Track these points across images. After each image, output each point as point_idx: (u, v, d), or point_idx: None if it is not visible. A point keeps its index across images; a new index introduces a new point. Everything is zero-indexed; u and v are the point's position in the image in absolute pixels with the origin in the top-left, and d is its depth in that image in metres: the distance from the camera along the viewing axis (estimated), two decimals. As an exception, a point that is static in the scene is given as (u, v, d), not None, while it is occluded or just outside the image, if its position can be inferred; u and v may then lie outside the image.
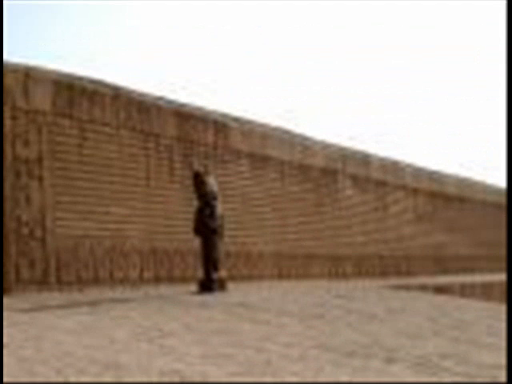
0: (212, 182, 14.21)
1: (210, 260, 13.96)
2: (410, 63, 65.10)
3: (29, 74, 13.49)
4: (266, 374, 6.80)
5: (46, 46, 62.11)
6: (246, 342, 8.53)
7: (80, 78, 14.62)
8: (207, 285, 13.93)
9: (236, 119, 18.66)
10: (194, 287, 15.24)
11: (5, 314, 10.14)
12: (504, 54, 66.09)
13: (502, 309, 14.73)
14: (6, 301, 11.72)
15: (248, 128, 18.86)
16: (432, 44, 64.44)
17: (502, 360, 8.18)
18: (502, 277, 31.18)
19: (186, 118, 16.85)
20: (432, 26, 63.87)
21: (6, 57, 21.97)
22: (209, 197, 14.06)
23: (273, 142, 19.72)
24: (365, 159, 23.93)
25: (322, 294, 14.91)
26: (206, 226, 13.99)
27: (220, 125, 17.84)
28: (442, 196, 28.87)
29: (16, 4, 55.01)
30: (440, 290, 23.85)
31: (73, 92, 14.27)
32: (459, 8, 64.06)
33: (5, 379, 6.07)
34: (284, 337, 9.05)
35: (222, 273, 14.46)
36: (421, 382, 6.86)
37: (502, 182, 45.15)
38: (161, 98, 16.49)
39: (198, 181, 14.09)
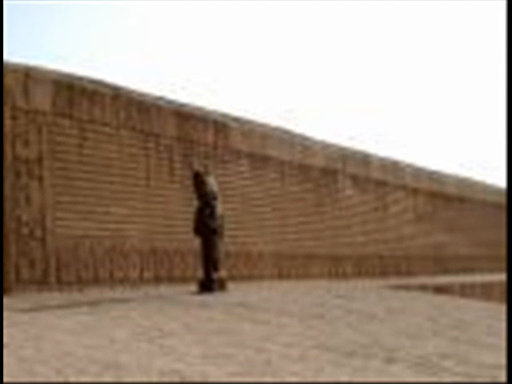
0: (212, 182, 14.21)
1: (209, 260, 13.96)
2: (410, 63, 65.10)
3: (29, 74, 13.49)
4: (266, 374, 6.80)
5: (46, 46, 62.12)
6: (246, 342, 8.53)
7: (80, 78, 14.62)
8: (207, 285, 13.93)
9: (236, 119, 18.66)
10: (194, 287, 15.23)
11: (5, 314, 10.14)
12: (504, 53, 66.09)
13: (502, 309, 14.73)
14: (6, 301, 11.72)
15: (248, 128, 18.86)
16: (432, 44, 64.44)
17: (502, 360, 8.18)
18: (502, 277, 31.18)
19: (186, 117, 16.85)
20: (432, 25, 63.88)
21: (6, 57, 21.96)
22: (209, 197, 14.07)
23: (273, 142, 19.72)
24: (365, 159, 23.93)
25: (322, 294, 14.91)
26: (206, 225, 13.99)
27: (220, 125, 17.84)
28: (441, 196, 28.87)
29: (16, 4, 55.01)
30: (440, 290, 23.84)
31: (73, 92, 14.27)
32: (459, 8, 64.08)
33: (5, 379, 6.07)
34: (284, 337, 9.05)
35: (222, 273, 14.46)
36: (421, 382, 6.86)
37: (502, 182, 45.14)
38: (161, 98, 16.49)
39: (198, 181, 14.09)
